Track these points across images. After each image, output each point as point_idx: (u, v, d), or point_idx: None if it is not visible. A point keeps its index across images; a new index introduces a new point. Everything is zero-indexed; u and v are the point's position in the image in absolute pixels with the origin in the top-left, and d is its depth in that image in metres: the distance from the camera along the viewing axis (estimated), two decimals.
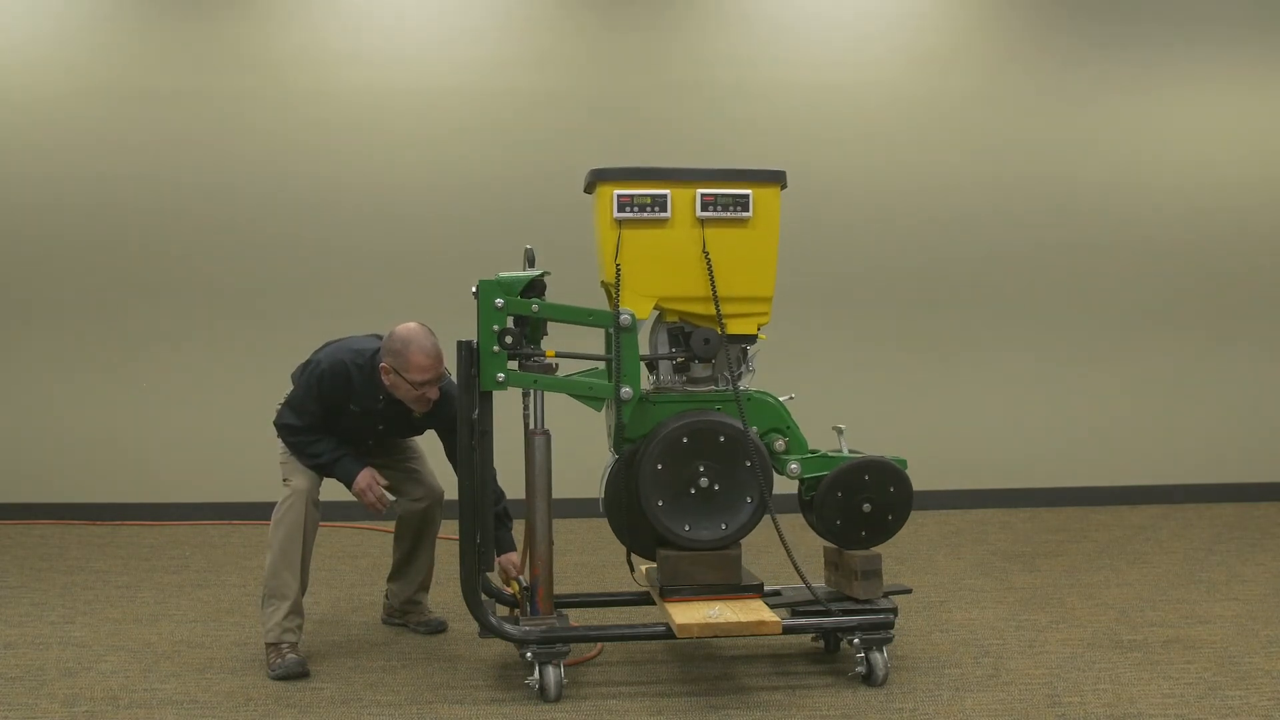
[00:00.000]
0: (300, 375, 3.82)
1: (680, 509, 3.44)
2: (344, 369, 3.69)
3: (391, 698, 3.35)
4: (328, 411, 3.73)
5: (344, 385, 3.70)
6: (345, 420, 3.76)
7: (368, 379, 3.69)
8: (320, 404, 3.72)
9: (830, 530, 3.53)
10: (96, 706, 3.31)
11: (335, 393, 3.70)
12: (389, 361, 3.59)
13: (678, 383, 3.59)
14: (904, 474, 3.54)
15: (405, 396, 3.62)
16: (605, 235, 3.47)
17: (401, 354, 3.55)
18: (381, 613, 4.19)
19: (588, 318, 3.45)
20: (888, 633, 3.45)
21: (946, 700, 3.32)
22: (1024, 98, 6.57)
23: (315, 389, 3.71)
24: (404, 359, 3.55)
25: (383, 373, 3.61)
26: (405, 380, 3.57)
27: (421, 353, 3.55)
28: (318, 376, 3.70)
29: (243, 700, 3.35)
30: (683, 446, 3.43)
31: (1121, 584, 4.70)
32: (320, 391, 3.70)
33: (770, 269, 3.51)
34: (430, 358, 3.55)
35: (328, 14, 6.27)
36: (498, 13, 6.38)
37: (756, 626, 3.28)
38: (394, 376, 3.59)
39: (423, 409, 3.66)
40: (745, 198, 3.46)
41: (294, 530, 3.65)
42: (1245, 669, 3.60)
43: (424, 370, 3.55)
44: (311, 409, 3.72)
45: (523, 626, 3.38)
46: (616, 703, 3.31)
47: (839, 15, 6.49)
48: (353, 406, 3.72)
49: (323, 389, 3.70)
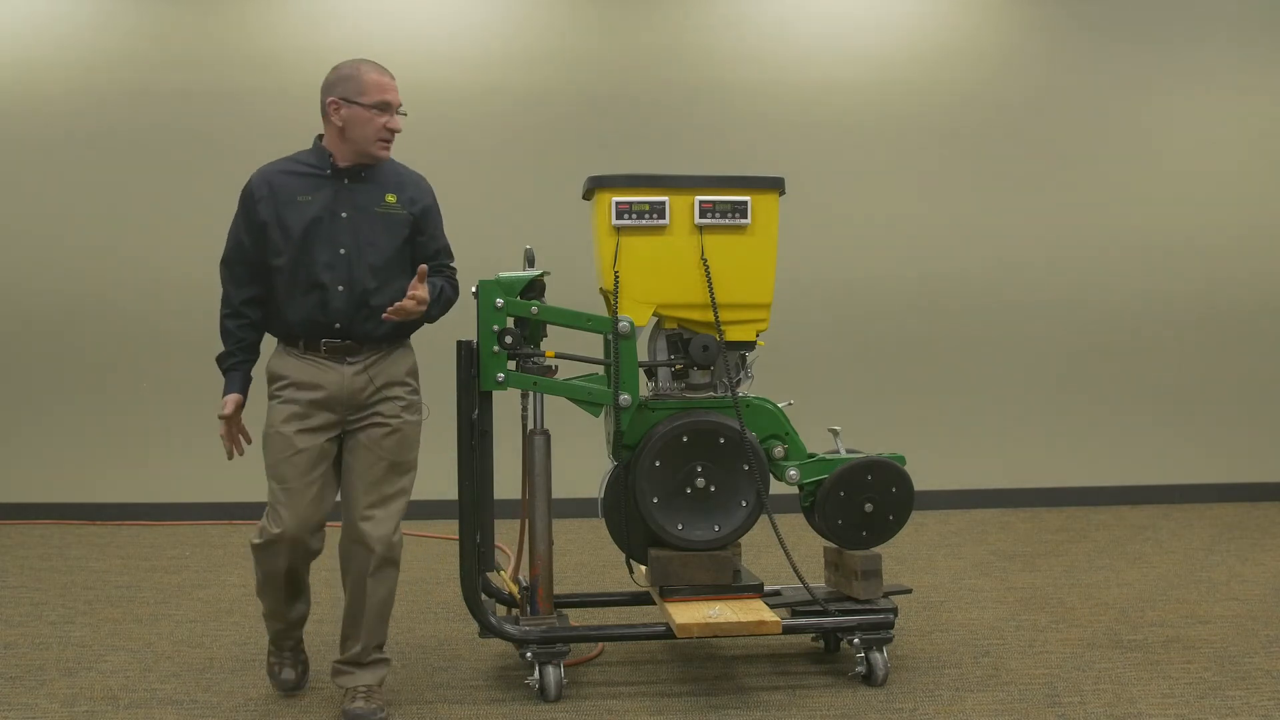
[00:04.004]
0: None
1: (674, 507, 3.45)
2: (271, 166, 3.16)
3: (391, 697, 3.35)
4: (261, 248, 3.09)
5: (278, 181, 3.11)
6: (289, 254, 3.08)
7: (306, 160, 3.15)
8: (251, 232, 3.09)
9: (832, 530, 3.54)
10: (96, 706, 3.31)
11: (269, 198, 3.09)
12: (337, 93, 3.07)
13: (676, 389, 3.59)
14: (905, 474, 3.54)
15: (364, 136, 3.08)
16: (604, 242, 3.47)
17: (352, 77, 3.07)
18: None
19: (587, 323, 3.45)
20: (888, 633, 3.45)
21: (946, 700, 3.32)
22: (1028, 97, 6.56)
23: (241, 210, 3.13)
24: (356, 80, 3.07)
25: (331, 112, 3.08)
26: (360, 107, 3.05)
27: (373, 68, 3.11)
28: (246, 188, 3.13)
29: (242, 700, 3.36)
30: (682, 445, 3.43)
31: (1121, 584, 4.70)
32: (247, 208, 3.10)
33: (769, 276, 3.52)
34: (385, 72, 3.11)
35: (324, 11, 6.27)
36: (496, 11, 6.38)
37: (756, 626, 3.28)
38: (347, 109, 3.06)
39: (383, 153, 3.12)
40: (744, 204, 3.46)
41: (271, 581, 3.20)
42: (1245, 669, 3.60)
43: (383, 87, 3.08)
44: (242, 244, 3.12)
45: (523, 626, 3.38)
46: (616, 703, 3.31)
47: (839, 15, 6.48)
48: (300, 198, 3.08)
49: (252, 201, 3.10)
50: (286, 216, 3.10)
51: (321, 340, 3.12)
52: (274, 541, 3.11)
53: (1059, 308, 6.60)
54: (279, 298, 3.15)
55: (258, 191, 3.12)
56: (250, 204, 3.13)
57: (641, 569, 3.68)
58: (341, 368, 3.13)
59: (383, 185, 3.18)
